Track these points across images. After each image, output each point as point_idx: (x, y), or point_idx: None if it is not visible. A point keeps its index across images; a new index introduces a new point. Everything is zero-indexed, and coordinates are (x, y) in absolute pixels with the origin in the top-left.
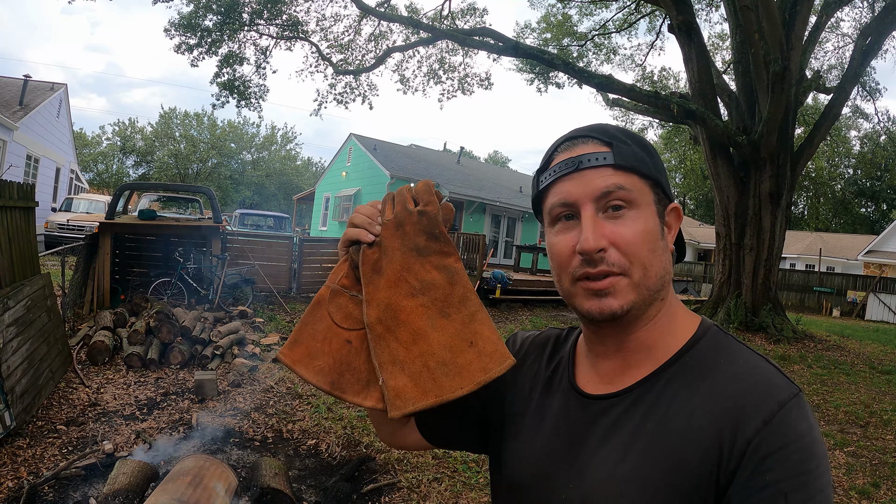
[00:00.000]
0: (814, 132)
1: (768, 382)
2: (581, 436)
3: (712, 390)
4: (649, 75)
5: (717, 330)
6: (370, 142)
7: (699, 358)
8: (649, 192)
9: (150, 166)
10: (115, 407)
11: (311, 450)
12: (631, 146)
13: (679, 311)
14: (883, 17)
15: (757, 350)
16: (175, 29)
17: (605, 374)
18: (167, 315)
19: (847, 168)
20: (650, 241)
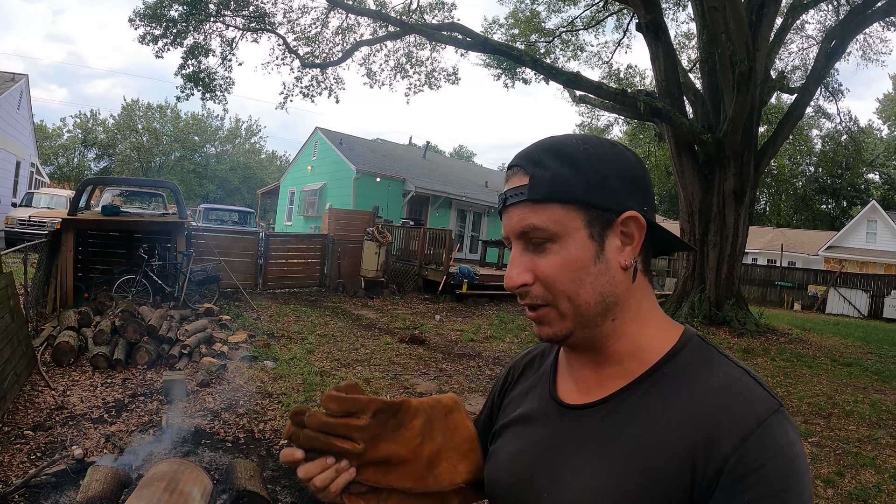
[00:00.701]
0: (777, 131)
1: (747, 397)
2: (557, 445)
3: (689, 403)
4: (615, 73)
5: (699, 340)
6: (336, 136)
7: (678, 369)
8: (576, 216)
9: (112, 159)
10: (83, 410)
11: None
12: (552, 169)
13: (652, 323)
14: (848, 22)
15: (738, 362)
16: (140, 19)
17: (581, 383)
18: (132, 314)
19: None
20: (573, 272)
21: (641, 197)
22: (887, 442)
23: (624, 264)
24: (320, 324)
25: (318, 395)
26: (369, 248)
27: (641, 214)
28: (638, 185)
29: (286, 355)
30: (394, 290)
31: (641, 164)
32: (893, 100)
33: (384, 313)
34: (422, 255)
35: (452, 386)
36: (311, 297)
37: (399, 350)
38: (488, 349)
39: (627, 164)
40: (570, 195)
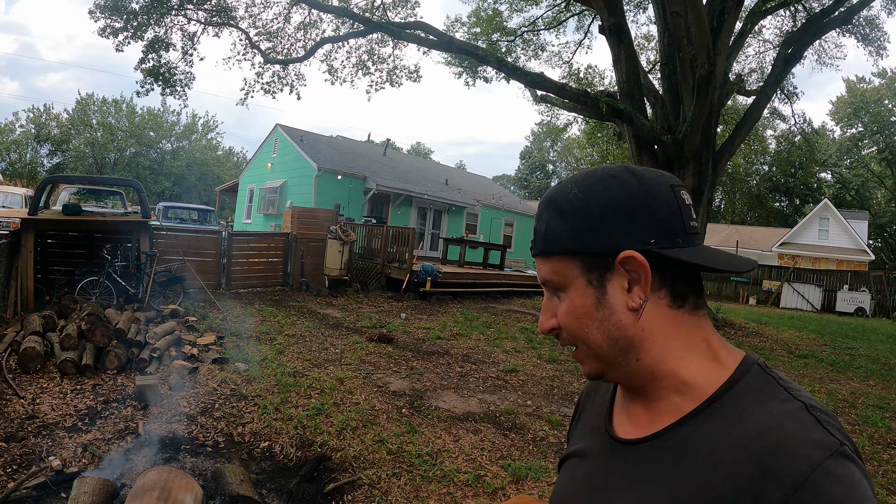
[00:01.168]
0: (735, 133)
1: (802, 437)
2: (607, 480)
3: (738, 444)
4: (575, 73)
5: (758, 370)
6: (296, 132)
7: (730, 405)
8: (573, 265)
9: (66, 155)
10: (55, 418)
11: (265, 452)
12: (545, 223)
13: (695, 356)
14: (806, 29)
15: (800, 393)
16: (101, 11)
17: (634, 418)
18: (99, 317)
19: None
20: (578, 318)
21: (642, 230)
22: (844, 429)
23: (631, 305)
24: (287, 324)
25: (293, 395)
26: (333, 246)
27: (644, 249)
28: (637, 217)
29: (257, 356)
30: (357, 288)
31: (647, 190)
32: (846, 102)
33: (349, 312)
34: (384, 253)
35: (425, 384)
36: (275, 296)
37: (368, 349)
38: (456, 346)
39: (623, 197)
40: (561, 246)
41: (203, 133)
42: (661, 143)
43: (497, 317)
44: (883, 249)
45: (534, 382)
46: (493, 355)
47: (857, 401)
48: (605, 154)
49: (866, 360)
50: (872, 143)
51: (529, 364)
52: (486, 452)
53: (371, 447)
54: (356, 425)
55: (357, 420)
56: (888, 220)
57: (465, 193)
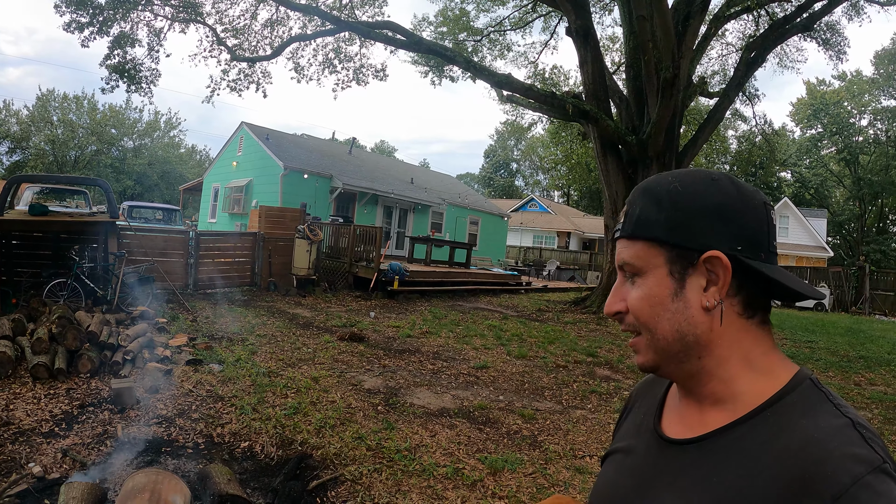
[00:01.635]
0: (698, 134)
1: (846, 452)
2: (652, 477)
3: (784, 453)
4: (541, 73)
5: (810, 385)
6: (262, 131)
7: (780, 414)
8: (658, 253)
9: (26, 153)
10: (31, 424)
11: (245, 452)
12: (639, 208)
13: (755, 368)
14: (769, 34)
15: (848, 410)
16: (66, 5)
17: (685, 418)
18: (70, 320)
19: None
20: (652, 306)
21: (732, 235)
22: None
23: (706, 304)
24: (258, 324)
25: (270, 395)
26: (300, 245)
27: (730, 254)
28: (730, 222)
29: (231, 357)
30: (325, 287)
31: (744, 201)
32: (806, 104)
33: (319, 311)
34: (352, 252)
35: (398, 381)
36: (243, 296)
37: (341, 348)
38: (426, 344)
39: (721, 201)
40: (650, 233)
41: (165, 130)
42: (626, 143)
43: (465, 314)
44: (841, 246)
45: (504, 378)
46: (464, 352)
47: None
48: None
49: (826, 352)
50: (831, 144)
51: (500, 361)
52: (463, 446)
53: (351, 444)
54: (334, 423)
55: (335, 418)
56: (846, 217)
57: (430, 192)
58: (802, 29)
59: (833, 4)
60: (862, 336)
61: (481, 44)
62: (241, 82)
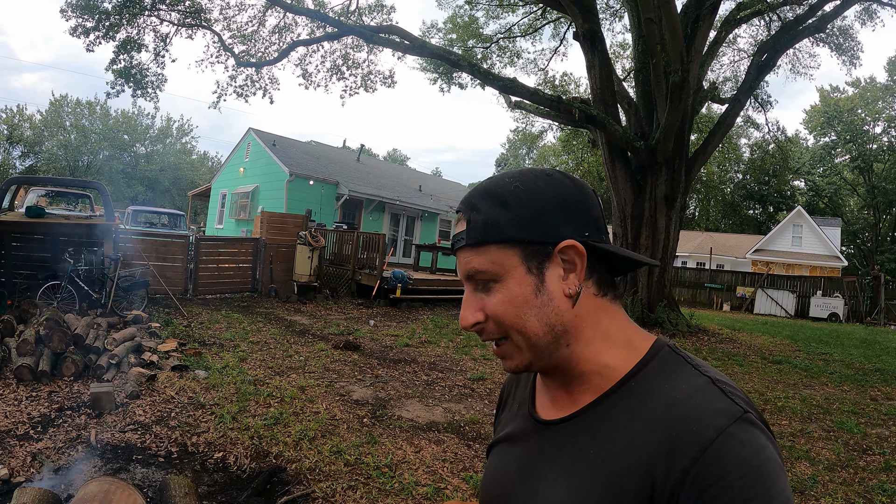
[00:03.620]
0: (708, 139)
1: (708, 407)
2: (534, 460)
3: (650, 417)
4: (551, 80)
5: (669, 351)
6: (269, 137)
7: (643, 383)
8: (512, 254)
9: (39, 157)
10: (7, 426)
11: (218, 463)
12: (483, 212)
13: (616, 341)
14: (779, 36)
15: (707, 369)
16: (72, 10)
17: (555, 400)
18: (58, 322)
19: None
20: (516, 307)
21: (580, 223)
22: (819, 435)
23: (568, 292)
24: (253, 330)
25: (252, 404)
26: (302, 252)
27: (581, 241)
28: (575, 212)
29: (218, 364)
30: (327, 294)
31: (581, 190)
32: (820, 111)
33: (318, 318)
34: (355, 259)
35: (389, 392)
36: (243, 302)
37: (334, 356)
38: (424, 354)
39: (563, 194)
40: (502, 235)
41: (177, 137)
42: (634, 149)
43: None
44: (856, 255)
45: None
46: (461, 363)
47: (831, 406)
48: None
49: (840, 365)
50: (845, 152)
51: (498, 372)
52: (448, 464)
53: (328, 458)
54: (314, 435)
55: (315, 430)
56: (860, 226)
57: (438, 200)
58: (814, 31)
59: (845, 5)
60: (877, 348)
61: (490, 51)
62: (249, 88)
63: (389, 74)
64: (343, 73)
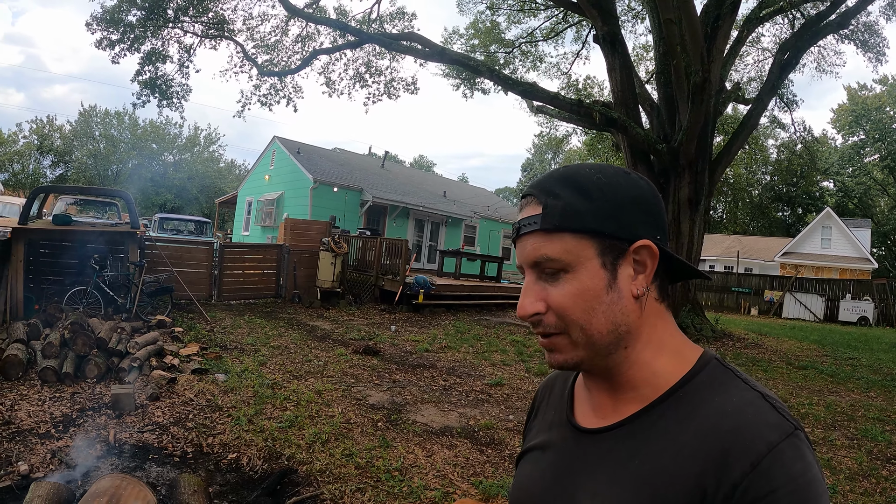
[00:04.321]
0: (731, 141)
1: (759, 421)
2: (572, 468)
3: (701, 429)
4: (574, 83)
5: (717, 364)
6: (294, 145)
7: (692, 394)
8: (588, 245)
9: (69, 167)
10: (30, 425)
11: (231, 464)
12: (564, 199)
13: (667, 349)
14: (801, 33)
15: (756, 384)
16: (97, 23)
17: (598, 408)
18: (82, 326)
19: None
20: (585, 301)
21: (653, 225)
22: (842, 443)
23: (636, 293)
24: (274, 335)
25: (268, 407)
26: (325, 258)
27: (654, 243)
28: (650, 213)
29: (237, 368)
30: (350, 300)
31: (654, 194)
32: (847, 110)
33: (339, 324)
34: (378, 265)
35: (405, 397)
36: (266, 307)
37: (353, 361)
38: (443, 359)
39: (640, 193)
40: (582, 225)
41: (205, 145)
42: (657, 151)
43: (489, 329)
44: (886, 257)
45: (518, 396)
46: (480, 368)
47: (856, 413)
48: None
49: (868, 370)
50: (874, 151)
51: (516, 377)
52: (459, 469)
53: (339, 461)
54: (327, 438)
55: (329, 433)
56: (891, 227)
57: (462, 205)
58: (837, 27)
59: (867, 1)
60: None
61: (513, 55)
62: (272, 97)
63: (412, 81)
64: (366, 80)
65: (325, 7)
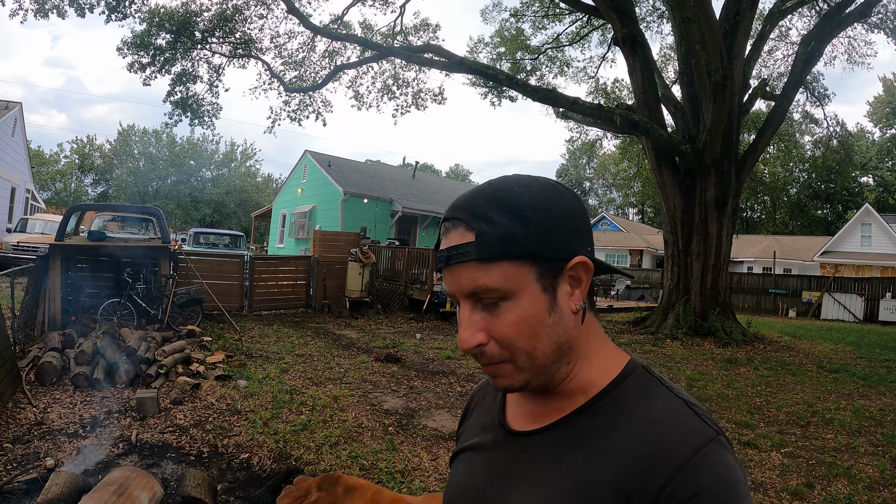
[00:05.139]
0: (758, 139)
1: (683, 427)
2: (506, 470)
3: (625, 435)
4: (603, 87)
5: (643, 371)
6: (324, 158)
7: (619, 400)
8: (527, 270)
9: (109, 184)
10: (60, 425)
11: (243, 463)
12: (499, 225)
13: (599, 357)
14: (823, 25)
15: (680, 392)
16: (128, 48)
17: (529, 412)
18: (113, 335)
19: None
20: (529, 328)
21: (586, 238)
22: (866, 450)
23: (574, 308)
24: (300, 344)
25: (285, 411)
26: (353, 268)
27: (587, 256)
28: (582, 227)
29: (260, 374)
30: (379, 309)
31: (580, 202)
32: (884, 102)
33: (366, 333)
34: (406, 274)
35: (420, 403)
36: (296, 318)
37: (373, 368)
38: (463, 366)
39: (570, 207)
40: (520, 251)
41: (242, 161)
42: (681, 152)
43: None
44: None
45: None
46: None
47: (885, 419)
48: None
49: None
50: None
51: None
52: None
53: (344, 462)
54: (336, 441)
55: (339, 436)
56: None
57: None
58: (860, 16)
59: None
60: None
61: (539, 62)
62: (301, 112)
63: (439, 91)
64: (394, 92)
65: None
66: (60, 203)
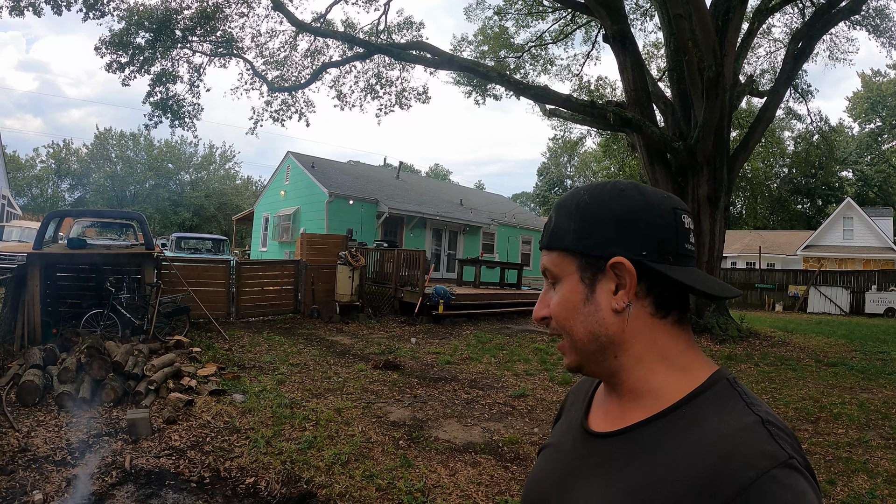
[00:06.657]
0: (748, 135)
1: (751, 447)
2: (574, 469)
3: (696, 448)
4: (586, 85)
5: (726, 384)
6: (308, 159)
7: (695, 411)
8: (570, 262)
9: (87, 189)
10: (46, 452)
11: (249, 489)
12: (553, 221)
13: (671, 366)
14: (813, 22)
15: (760, 408)
16: (106, 47)
17: (609, 413)
18: (98, 350)
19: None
20: (567, 310)
21: (637, 242)
22: (878, 444)
23: (615, 307)
24: (293, 352)
25: (287, 428)
26: (342, 272)
27: (635, 259)
28: (633, 230)
29: (256, 388)
30: (369, 313)
31: (650, 209)
32: (863, 97)
33: (359, 338)
34: (396, 276)
35: (427, 412)
36: (285, 324)
37: (373, 377)
38: (465, 371)
39: (625, 211)
40: (562, 244)
41: (221, 163)
42: (673, 150)
43: (511, 338)
44: None
45: (543, 408)
46: (503, 379)
47: (890, 411)
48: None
49: None
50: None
51: (540, 388)
52: (484, 487)
53: (359, 483)
54: (347, 459)
55: (349, 453)
56: None
57: (479, 213)
58: (849, 13)
59: None
60: None
61: (523, 60)
62: (284, 112)
63: (423, 90)
64: (377, 91)
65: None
66: (37, 209)
